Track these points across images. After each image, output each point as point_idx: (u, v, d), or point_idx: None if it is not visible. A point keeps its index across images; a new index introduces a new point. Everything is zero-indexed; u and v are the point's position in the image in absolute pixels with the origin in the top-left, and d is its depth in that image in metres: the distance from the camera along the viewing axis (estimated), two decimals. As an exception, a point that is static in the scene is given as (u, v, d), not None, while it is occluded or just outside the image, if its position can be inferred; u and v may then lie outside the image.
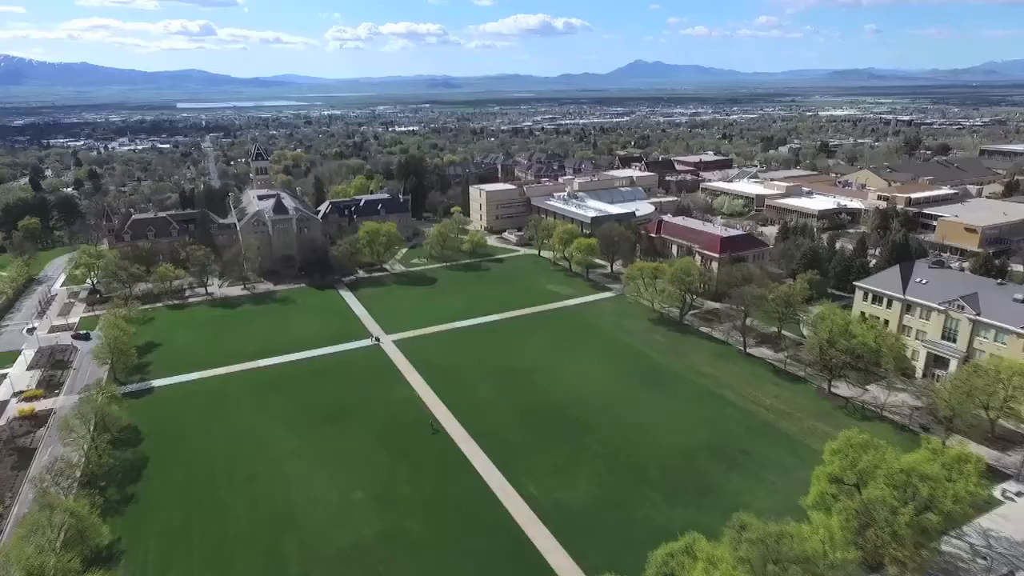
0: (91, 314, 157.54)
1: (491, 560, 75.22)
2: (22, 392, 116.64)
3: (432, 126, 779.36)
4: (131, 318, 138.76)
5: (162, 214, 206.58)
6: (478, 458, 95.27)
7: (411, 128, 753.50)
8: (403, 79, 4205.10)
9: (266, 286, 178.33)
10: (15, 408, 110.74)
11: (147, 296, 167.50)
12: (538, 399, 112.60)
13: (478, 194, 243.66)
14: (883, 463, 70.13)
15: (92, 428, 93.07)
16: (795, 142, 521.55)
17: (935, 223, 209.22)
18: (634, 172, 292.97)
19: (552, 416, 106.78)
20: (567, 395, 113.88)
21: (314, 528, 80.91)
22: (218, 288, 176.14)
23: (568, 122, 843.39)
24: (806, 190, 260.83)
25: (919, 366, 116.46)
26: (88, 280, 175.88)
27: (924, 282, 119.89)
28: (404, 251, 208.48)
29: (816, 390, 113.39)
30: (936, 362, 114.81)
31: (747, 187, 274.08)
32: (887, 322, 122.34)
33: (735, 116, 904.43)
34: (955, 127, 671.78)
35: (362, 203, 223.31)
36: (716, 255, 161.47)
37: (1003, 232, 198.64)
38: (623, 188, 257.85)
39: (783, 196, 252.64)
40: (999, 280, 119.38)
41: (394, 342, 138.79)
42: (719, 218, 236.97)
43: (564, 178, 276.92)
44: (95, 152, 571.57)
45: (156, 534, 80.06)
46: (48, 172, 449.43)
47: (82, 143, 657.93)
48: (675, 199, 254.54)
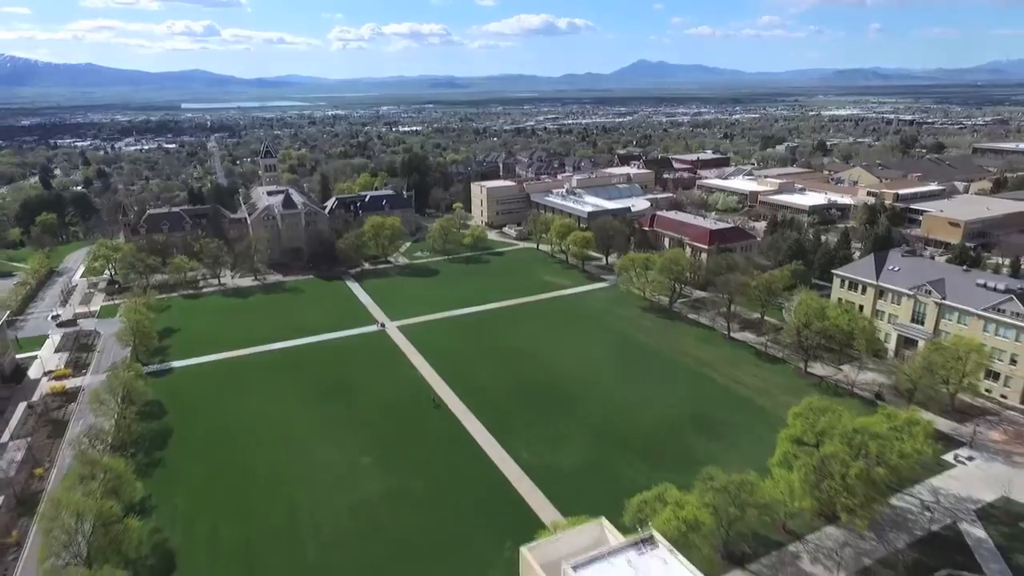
0: (111, 303, 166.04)
1: (485, 513, 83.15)
2: (52, 371, 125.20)
3: (435, 126, 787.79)
4: (150, 305, 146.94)
5: (175, 209, 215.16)
6: (476, 429, 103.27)
7: (414, 128, 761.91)
8: (406, 79, 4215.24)
9: (276, 277, 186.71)
10: (47, 385, 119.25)
11: (163, 286, 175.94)
12: (533, 378, 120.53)
13: (479, 190, 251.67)
14: (838, 424, 77.95)
15: (120, 400, 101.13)
16: (793, 141, 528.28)
17: (921, 218, 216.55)
18: (631, 170, 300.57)
19: (546, 393, 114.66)
20: (560, 374, 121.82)
21: (325, 487, 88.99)
22: (230, 279, 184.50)
23: (571, 122, 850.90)
24: (799, 187, 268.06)
25: (891, 348, 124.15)
26: (106, 271, 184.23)
27: (896, 269, 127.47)
28: (407, 245, 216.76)
29: (794, 370, 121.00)
30: (906, 344, 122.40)
31: (741, 184, 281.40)
32: (862, 307, 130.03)
33: (737, 116, 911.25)
34: (956, 126, 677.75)
35: (367, 199, 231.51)
36: (705, 246, 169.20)
37: (986, 226, 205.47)
38: (620, 185, 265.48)
39: (776, 193, 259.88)
40: (964, 267, 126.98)
41: (398, 328, 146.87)
42: (713, 214, 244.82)
43: (563, 175, 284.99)
44: (102, 152, 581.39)
45: (183, 492, 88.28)
46: (57, 171, 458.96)
47: (89, 143, 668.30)
48: (670, 195, 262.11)
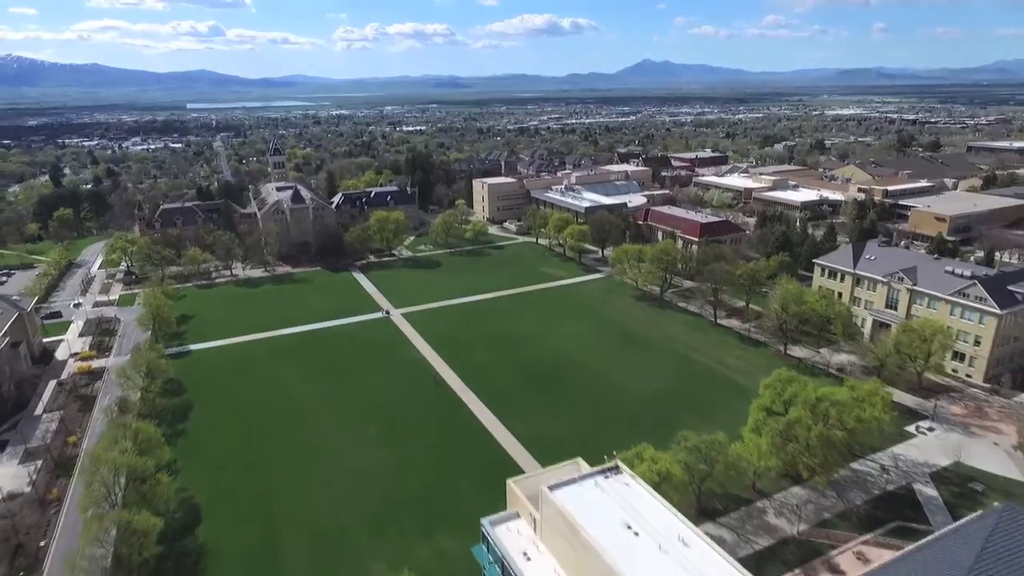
0: (129, 292, 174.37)
1: (480, 475, 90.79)
2: (78, 353, 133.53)
3: (439, 126, 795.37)
4: (167, 293, 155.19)
5: (188, 204, 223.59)
6: (474, 404, 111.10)
7: (418, 128, 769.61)
8: (410, 79, 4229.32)
9: (285, 268, 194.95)
10: (74, 366, 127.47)
11: (177, 277, 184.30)
12: (529, 359, 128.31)
13: (481, 187, 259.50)
14: (803, 392, 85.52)
15: (144, 376, 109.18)
16: (792, 140, 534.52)
17: (909, 213, 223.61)
18: (629, 167, 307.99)
19: (540, 373, 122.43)
20: (554, 356, 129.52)
21: (335, 453, 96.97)
22: (241, 270, 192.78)
23: (574, 122, 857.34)
24: (792, 184, 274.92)
25: (866, 332, 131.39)
26: (122, 263, 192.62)
27: (873, 259, 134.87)
28: (411, 239, 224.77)
29: (774, 352, 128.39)
30: (881, 328, 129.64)
31: (736, 181, 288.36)
32: (840, 294, 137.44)
33: (740, 115, 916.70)
34: (959, 126, 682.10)
35: (372, 195, 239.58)
36: (696, 239, 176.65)
37: (970, 221, 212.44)
38: (618, 182, 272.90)
39: (769, 189, 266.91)
40: (935, 256, 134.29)
41: (402, 315, 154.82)
42: (707, 209, 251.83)
43: (563, 173, 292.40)
44: (109, 152, 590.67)
45: (204, 457, 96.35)
46: (66, 170, 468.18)
47: (96, 143, 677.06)
48: (666, 192, 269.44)
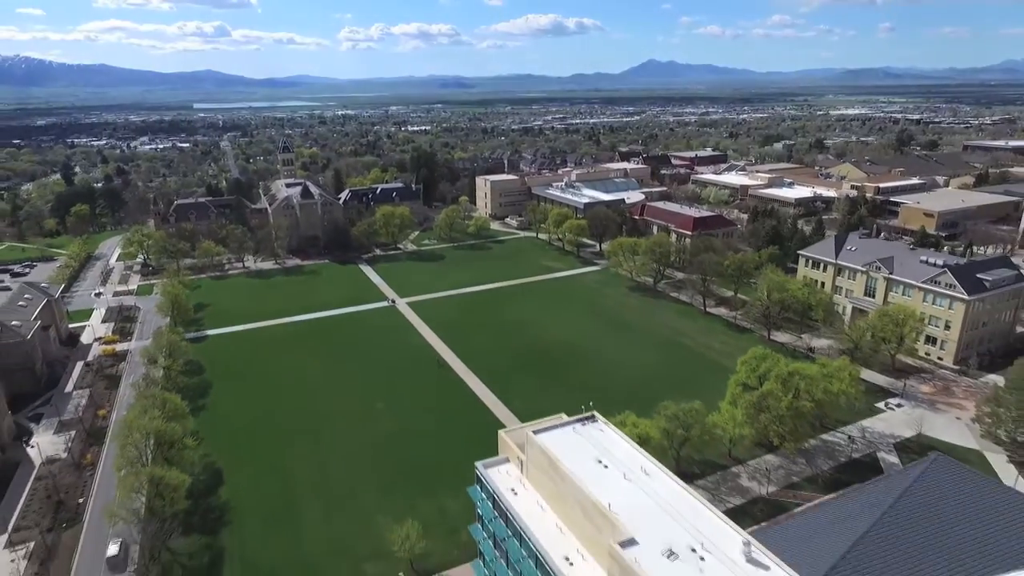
0: (146, 282, 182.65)
1: (479, 444, 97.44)
2: (102, 338, 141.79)
3: (444, 125, 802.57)
4: (183, 283, 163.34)
5: (202, 199, 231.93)
6: (475, 383, 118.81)
7: (423, 128, 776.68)
8: (415, 79, 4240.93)
9: (295, 261, 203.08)
10: (99, 349, 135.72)
11: (192, 269, 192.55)
12: (527, 344, 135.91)
13: (483, 184, 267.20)
14: (776, 367, 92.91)
15: (166, 355, 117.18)
16: (792, 139, 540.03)
17: (899, 209, 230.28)
18: (628, 165, 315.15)
19: (537, 356, 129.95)
20: (551, 341, 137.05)
21: (345, 426, 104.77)
22: (253, 263, 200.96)
23: (578, 122, 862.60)
24: (787, 181, 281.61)
25: (846, 319, 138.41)
26: (139, 255, 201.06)
27: (854, 249, 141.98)
28: (416, 233, 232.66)
29: (759, 338, 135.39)
30: (860, 314, 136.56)
31: (733, 179, 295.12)
32: (823, 284, 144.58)
33: (745, 115, 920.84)
34: (963, 126, 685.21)
35: (378, 191, 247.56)
36: (689, 232, 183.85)
37: (958, 216, 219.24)
38: (617, 179, 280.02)
39: (765, 186, 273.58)
40: (911, 246, 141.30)
41: (407, 304, 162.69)
42: (705, 206, 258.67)
43: (563, 170, 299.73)
44: (118, 151, 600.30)
45: (225, 428, 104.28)
46: (77, 169, 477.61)
47: (104, 142, 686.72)
48: (664, 189, 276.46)
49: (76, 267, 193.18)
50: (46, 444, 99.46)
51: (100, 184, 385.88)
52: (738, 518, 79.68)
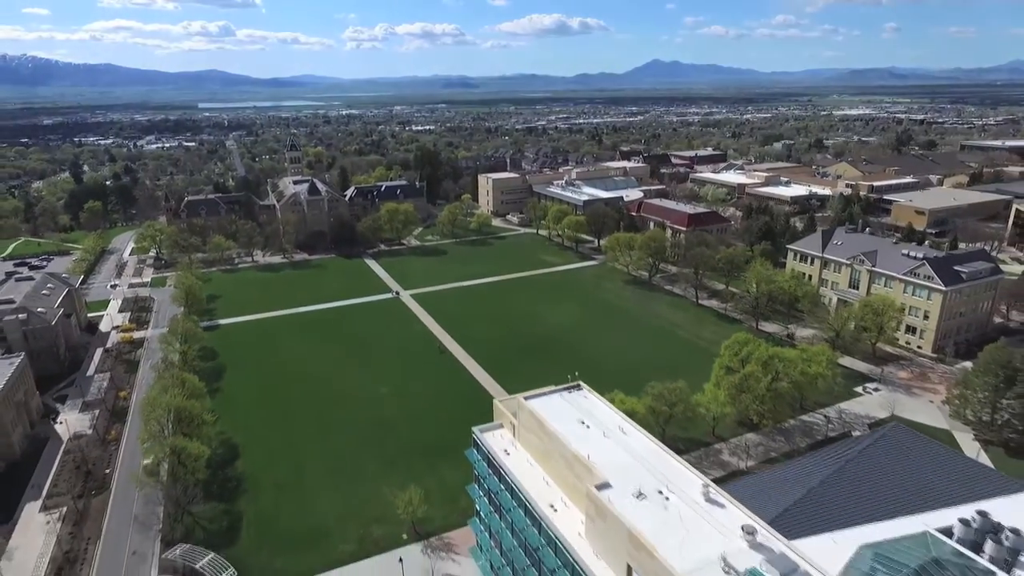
0: (160, 275, 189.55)
1: (477, 422, 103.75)
2: (119, 326, 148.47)
3: (448, 125, 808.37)
4: (196, 275, 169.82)
5: (212, 196, 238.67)
6: (475, 369, 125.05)
7: (427, 127, 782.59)
8: (419, 79, 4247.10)
9: (302, 255, 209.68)
10: (117, 336, 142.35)
11: (203, 262, 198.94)
12: (525, 333, 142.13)
13: (485, 181, 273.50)
14: (757, 351, 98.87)
15: (182, 341, 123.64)
16: (791, 139, 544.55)
17: (892, 207, 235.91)
18: (628, 164, 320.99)
19: (535, 344, 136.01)
20: (548, 331, 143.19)
21: (351, 408, 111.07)
22: (262, 257, 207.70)
23: (582, 121, 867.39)
24: (784, 180, 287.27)
25: (832, 310, 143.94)
26: (152, 249, 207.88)
27: (840, 243, 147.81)
28: (419, 230, 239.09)
29: (748, 328, 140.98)
30: (844, 306, 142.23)
31: (731, 177, 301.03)
32: (810, 276, 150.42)
33: (748, 115, 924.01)
34: (966, 126, 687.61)
35: (383, 188, 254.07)
36: (684, 228, 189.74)
37: (948, 214, 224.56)
38: (617, 177, 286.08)
39: (762, 185, 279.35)
40: (894, 240, 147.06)
41: (411, 296, 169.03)
42: (702, 204, 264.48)
43: (564, 169, 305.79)
44: (125, 149, 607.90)
45: (238, 409, 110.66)
46: (85, 167, 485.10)
47: (111, 141, 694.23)
48: (662, 187, 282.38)
49: (92, 261, 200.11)
50: (72, 421, 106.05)
51: (109, 182, 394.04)
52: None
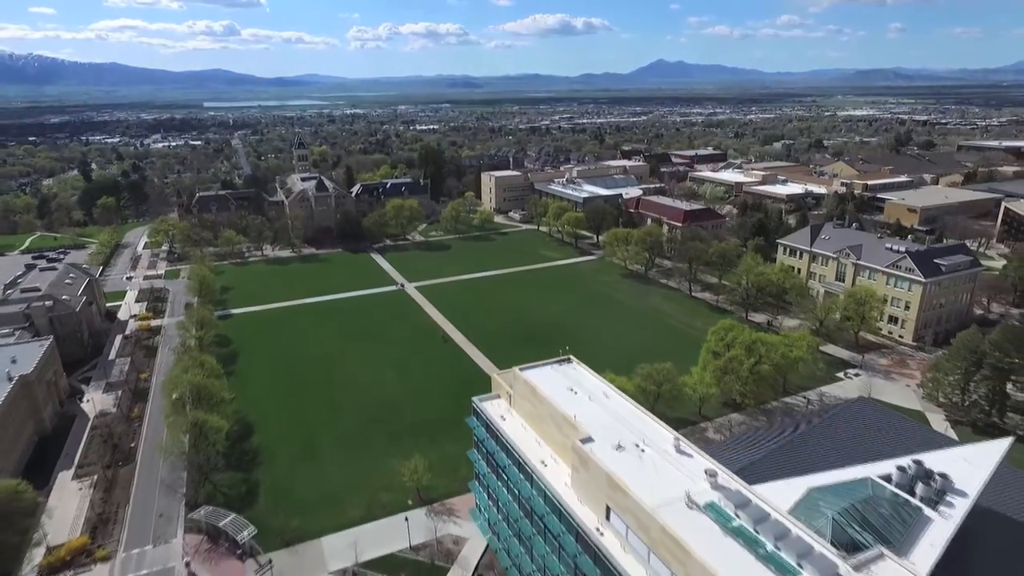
0: (173, 268, 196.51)
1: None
2: (136, 315, 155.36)
3: (452, 125, 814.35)
4: (209, 268, 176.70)
5: (222, 192, 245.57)
6: (475, 354, 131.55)
7: (431, 127, 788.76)
8: (423, 79, 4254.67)
9: (310, 250, 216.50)
10: (135, 324, 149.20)
11: (214, 256, 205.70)
12: (524, 322, 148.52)
13: (488, 179, 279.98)
14: (740, 335, 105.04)
15: (198, 327, 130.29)
16: (793, 139, 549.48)
17: (885, 205, 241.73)
18: (628, 162, 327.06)
19: (534, 332, 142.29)
20: (547, 320, 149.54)
21: (358, 390, 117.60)
22: (271, 251, 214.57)
23: (585, 121, 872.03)
24: (781, 178, 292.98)
25: (819, 302, 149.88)
26: (164, 243, 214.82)
27: (827, 238, 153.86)
28: (423, 226, 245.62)
29: (738, 318, 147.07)
30: (831, 298, 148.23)
31: (729, 176, 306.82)
32: (799, 270, 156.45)
33: (752, 116, 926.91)
34: (969, 127, 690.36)
35: (388, 185, 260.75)
36: (680, 224, 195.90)
37: (940, 212, 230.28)
38: (617, 176, 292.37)
39: (759, 184, 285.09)
40: (879, 235, 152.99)
41: (415, 288, 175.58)
42: (701, 202, 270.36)
43: (565, 167, 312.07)
44: (132, 148, 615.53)
45: (253, 390, 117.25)
46: (93, 165, 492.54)
47: (118, 140, 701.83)
48: (661, 185, 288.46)
49: (107, 254, 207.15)
50: (97, 401, 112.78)
51: (120, 179, 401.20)
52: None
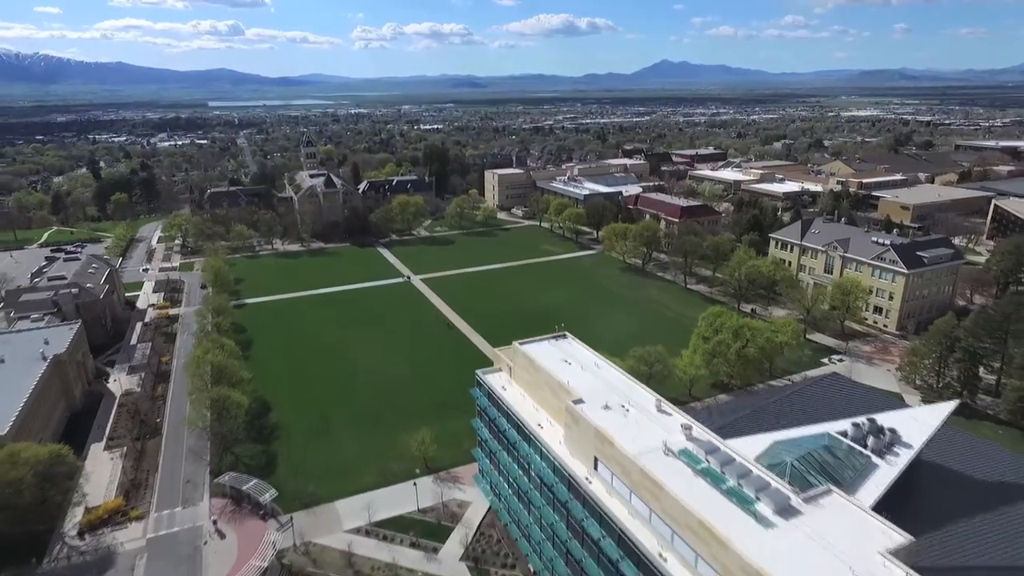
0: (187, 261, 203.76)
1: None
2: (154, 304, 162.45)
3: (456, 124, 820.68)
4: (222, 259, 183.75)
5: (233, 188, 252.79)
6: (478, 340, 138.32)
7: (436, 126, 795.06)
8: (427, 79, 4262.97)
9: (318, 244, 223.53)
10: (154, 312, 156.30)
11: (226, 249, 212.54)
12: (525, 311, 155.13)
13: (491, 177, 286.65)
14: (729, 321, 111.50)
15: (215, 314, 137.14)
16: (793, 139, 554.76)
17: (878, 202, 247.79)
18: (628, 161, 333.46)
19: (534, 320, 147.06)
20: (547, 310, 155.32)
21: (368, 372, 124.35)
22: (281, 245, 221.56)
23: (588, 121, 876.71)
24: (779, 177, 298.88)
25: (809, 293, 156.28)
26: (178, 238, 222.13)
27: (817, 232, 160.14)
28: (428, 221, 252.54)
29: (731, 308, 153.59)
30: (820, 289, 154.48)
31: (728, 174, 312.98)
32: (790, 263, 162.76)
33: (755, 116, 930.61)
34: (973, 127, 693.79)
35: (394, 182, 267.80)
36: (676, 219, 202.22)
37: (932, 209, 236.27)
38: (617, 174, 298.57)
39: (757, 182, 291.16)
40: (865, 229, 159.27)
41: (421, 280, 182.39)
42: (700, 199, 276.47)
43: (567, 165, 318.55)
44: (139, 147, 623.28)
45: (268, 372, 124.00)
46: (101, 164, 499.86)
47: (125, 139, 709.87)
48: (660, 183, 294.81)
49: (123, 247, 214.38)
50: (122, 381, 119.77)
51: (131, 176, 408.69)
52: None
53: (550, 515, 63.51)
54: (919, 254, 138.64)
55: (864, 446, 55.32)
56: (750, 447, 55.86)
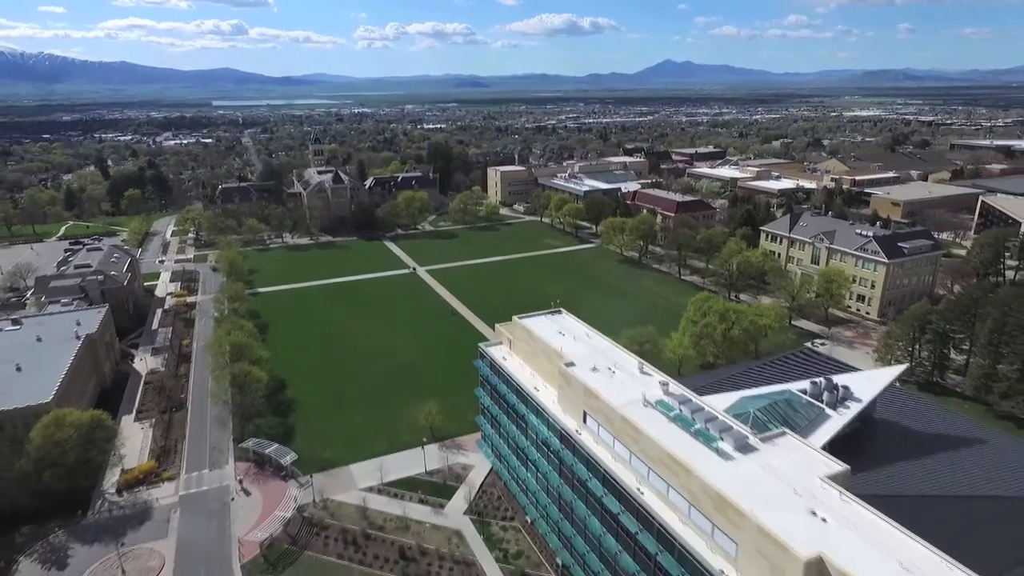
0: (201, 253, 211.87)
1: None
2: (172, 292, 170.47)
3: (459, 124, 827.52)
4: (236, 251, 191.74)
5: (243, 184, 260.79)
6: (480, 326, 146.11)
7: (439, 126, 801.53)
8: (430, 78, 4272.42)
9: (327, 238, 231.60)
10: (172, 300, 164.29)
11: (238, 242, 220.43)
12: (525, 299, 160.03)
13: (494, 174, 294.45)
14: (716, 305, 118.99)
15: (231, 300, 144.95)
16: (791, 138, 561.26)
17: (870, 199, 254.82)
18: (628, 158, 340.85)
19: (534, 308, 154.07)
20: (546, 299, 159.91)
21: (377, 354, 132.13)
22: (291, 239, 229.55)
23: (591, 121, 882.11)
24: (775, 174, 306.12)
25: (796, 283, 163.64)
26: (191, 231, 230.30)
27: (805, 225, 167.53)
28: (433, 216, 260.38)
29: (723, 297, 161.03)
30: (807, 279, 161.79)
31: (725, 172, 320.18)
32: (779, 255, 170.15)
33: (758, 116, 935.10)
34: (974, 127, 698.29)
35: (400, 179, 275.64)
36: (673, 214, 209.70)
37: (922, 206, 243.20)
38: (617, 171, 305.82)
39: (754, 179, 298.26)
40: (850, 222, 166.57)
41: (426, 271, 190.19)
42: (697, 196, 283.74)
43: (567, 163, 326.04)
44: (145, 145, 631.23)
45: (282, 354, 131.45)
46: (108, 162, 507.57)
47: (130, 137, 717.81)
48: (659, 180, 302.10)
49: (139, 239, 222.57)
50: (147, 361, 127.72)
51: (142, 173, 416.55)
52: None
53: (544, 466, 71.15)
54: (900, 245, 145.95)
55: (820, 400, 62.80)
56: (720, 402, 63.41)
